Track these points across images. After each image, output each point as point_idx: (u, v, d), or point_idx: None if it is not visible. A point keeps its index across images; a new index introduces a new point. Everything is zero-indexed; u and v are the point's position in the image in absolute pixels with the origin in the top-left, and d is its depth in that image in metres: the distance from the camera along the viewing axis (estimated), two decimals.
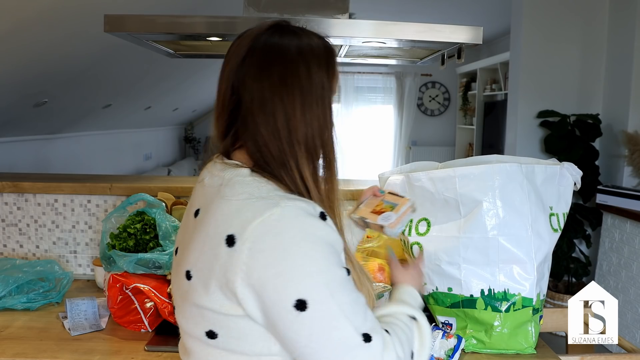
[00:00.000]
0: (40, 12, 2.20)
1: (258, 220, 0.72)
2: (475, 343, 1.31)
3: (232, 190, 0.77)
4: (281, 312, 0.71)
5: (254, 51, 0.80)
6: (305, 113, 0.79)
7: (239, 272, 0.72)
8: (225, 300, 0.74)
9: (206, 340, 0.78)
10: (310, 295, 0.71)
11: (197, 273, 0.77)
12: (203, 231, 0.77)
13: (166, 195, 1.78)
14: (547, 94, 3.60)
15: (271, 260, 0.71)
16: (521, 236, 1.26)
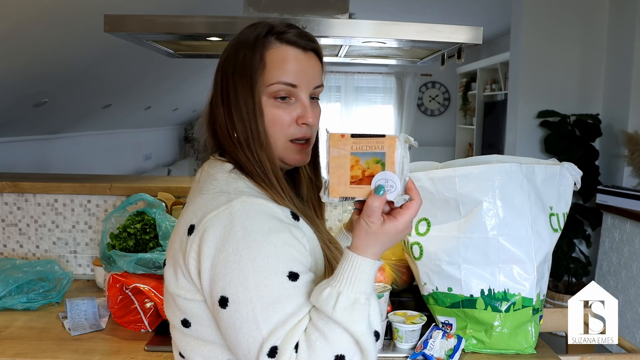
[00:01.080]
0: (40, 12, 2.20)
1: (214, 213, 0.75)
2: (475, 343, 1.31)
3: (209, 185, 0.81)
4: (212, 304, 0.75)
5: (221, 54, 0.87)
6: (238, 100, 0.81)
7: (191, 259, 0.76)
8: (189, 285, 0.78)
9: (183, 329, 0.82)
10: (231, 294, 0.71)
11: (169, 261, 0.83)
12: (180, 221, 0.82)
13: (166, 195, 1.78)
14: (547, 94, 3.60)
15: (211, 252, 0.73)
16: (521, 236, 1.26)
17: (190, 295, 0.79)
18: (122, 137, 5.59)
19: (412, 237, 1.35)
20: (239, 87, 0.81)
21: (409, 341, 1.31)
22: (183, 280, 0.79)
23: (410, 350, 1.30)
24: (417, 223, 1.35)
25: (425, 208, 1.34)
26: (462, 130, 7.41)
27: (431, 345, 1.25)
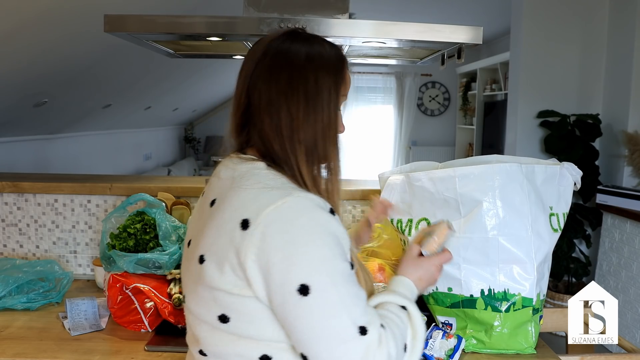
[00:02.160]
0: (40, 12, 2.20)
1: (272, 207, 0.76)
2: (475, 343, 1.31)
3: (248, 181, 0.82)
4: (285, 295, 0.74)
5: (266, 56, 0.86)
6: (308, 116, 0.84)
7: (250, 253, 0.75)
8: (238, 281, 0.78)
9: (217, 324, 0.81)
10: (313, 281, 0.74)
11: (211, 256, 0.81)
12: (218, 217, 0.81)
13: (166, 195, 1.78)
14: (547, 94, 3.60)
15: (281, 244, 0.75)
16: (521, 236, 1.26)
17: (237, 291, 0.78)
18: (122, 137, 5.59)
19: (412, 237, 1.35)
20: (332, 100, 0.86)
21: None
22: (231, 275, 0.78)
23: None
24: (417, 223, 1.35)
25: (425, 208, 1.34)
26: (462, 130, 7.41)
27: (431, 345, 1.25)
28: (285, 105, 0.83)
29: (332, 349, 0.74)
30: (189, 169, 6.99)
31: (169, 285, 1.44)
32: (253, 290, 0.77)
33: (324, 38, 0.91)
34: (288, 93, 0.83)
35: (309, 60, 0.85)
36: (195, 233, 0.89)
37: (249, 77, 0.86)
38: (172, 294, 1.41)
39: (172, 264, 1.47)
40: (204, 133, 7.96)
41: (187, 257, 0.91)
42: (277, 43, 0.87)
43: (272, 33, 0.91)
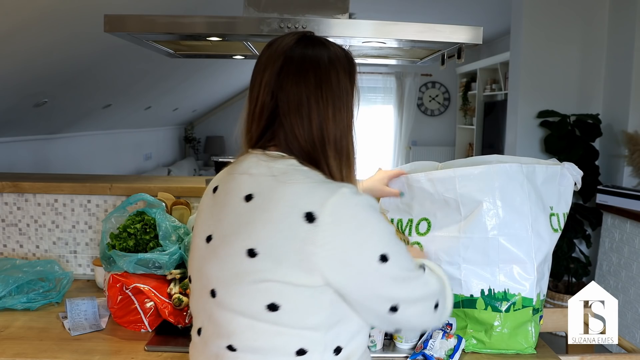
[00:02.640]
0: (40, 12, 2.20)
1: (333, 198, 0.83)
2: (475, 343, 1.31)
3: (293, 176, 0.87)
4: (367, 269, 0.84)
5: (291, 61, 0.90)
6: (335, 116, 0.90)
7: (322, 243, 0.82)
8: (301, 272, 0.83)
9: (262, 315, 0.84)
10: (388, 250, 0.85)
11: (266, 250, 0.84)
12: (269, 212, 0.85)
13: (166, 195, 1.78)
14: (547, 94, 3.60)
15: (352, 228, 0.84)
16: (521, 236, 1.26)
17: (295, 280, 0.83)
18: (122, 137, 5.59)
19: (412, 237, 1.35)
20: (350, 98, 0.93)
21: (409, 341, 1.31)
22: (292, 267, 0.82)
23: (410, 350, 1.30)
24: (417, 223, 1.35)
25: (425, 208, 1.34)
26: (462, 130, 7.41)
27: (431, 345, 1.25)
28: (315, 107, 0.88)
29: (414, 288, 0.89)
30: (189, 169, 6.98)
31: (169, 285, 1.44)
32: (318, 278, 0.83)
33: (333, 42, 0.97)
34: (317, 95, 0.89)
35: (331, 63, 0.91)
36: (229, 227, 0.90)
37: (274, 82, 0.90)
38: (172, 294, 1.41)
39: (172, 264, 1.47)
40: (204, 133, 7.97)
41: (215, 253, 0.91)
42: (300, 49, 0.91)
43: (282, 38, 0.94)
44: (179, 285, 1.43)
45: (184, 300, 1.39)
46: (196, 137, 7.92)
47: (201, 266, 0.94)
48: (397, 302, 0.87)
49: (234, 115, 7.92)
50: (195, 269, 0.96)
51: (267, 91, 0.90)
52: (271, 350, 0.86)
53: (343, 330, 0.89)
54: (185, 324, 1.39)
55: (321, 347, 0.86)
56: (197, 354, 0.97)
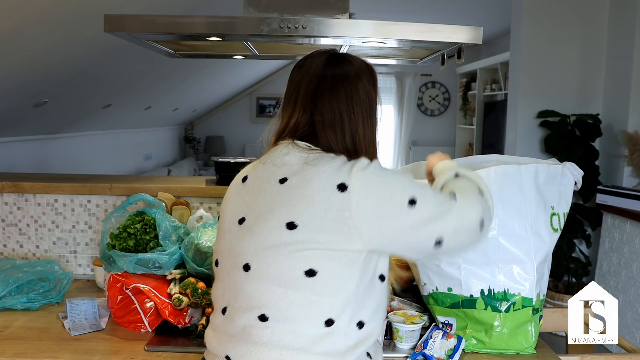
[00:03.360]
0: (40, 13, 2.20)
1: (357, 166, 0.96)
2: (475, 343, 1.31)
3: (321, 160, 0.98)
4: (401, 215, 0.93)
5: (324, 81, 1.03)
6: (364, 124, 1.05)
7: (355, 207, 0.92)
8: (341, 237, 0.92)
9: (299, 282, 0.93)
10: (414, 193, 0.95)
11: (306, 221, 0.93)
12: (304, 189, 0.96)
13: (166, 195, 1.78)
14: (547, 94, 3.60)
15: (379, 184, 0.95)
16: (521, 236, 1.27)
17: (340, 246, 0.92)
18: (122, 137, 5.59)
19: None
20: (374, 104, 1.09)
21: (409, 341, 1.31)
22: (333, 232, 0.92)
23: (410, 350, 1.30)
24: None
25: None
26: (462, 130, 7.41)
27: (431, 345, 1.26)
28: (347, 120, 1.02)
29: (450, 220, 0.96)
30: (189, 169, 6.98)
31: (169, 285, 1.44)
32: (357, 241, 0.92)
33: (353, 55, 1.10)
34: (349, 109, 1.02)
35: (357, 77, 1.05)
36: (257, 209, 0.99)
37: (309, 102, 1.02)
38: (172, 294, 1.41)
39: (172, 264, 1.47)
40: (204, 133, 7.96)
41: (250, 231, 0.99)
42: (330, 69, 1.04)
43: (312, 60, 1.07)
44: (179, 285, 1.43)
45: (184, 300, 1.39)
46: (196, 137, 7.92)
47: (233, 246, 1.01)
48: (439, 236, 0.95)
49: (234, 115, 7.92)
50: (224, 250, 1.04)
51: (302, 110, 1.03)
52: (302, 318, 0.93)
53: (366, 305, 0.97)
54: (185, 324, 1.39)
55: (347, 318, 0.94)
56: (220, 334, 1.01)
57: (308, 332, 0.93)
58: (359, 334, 0.96)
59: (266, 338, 0.93)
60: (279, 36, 1.42)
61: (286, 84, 1.09)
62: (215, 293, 1.06)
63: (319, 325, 0.93)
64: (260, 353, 0.93)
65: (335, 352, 0.94)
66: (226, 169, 1.94)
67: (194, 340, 1.35)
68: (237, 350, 0.96)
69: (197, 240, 1.49)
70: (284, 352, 0.92)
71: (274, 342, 0.93)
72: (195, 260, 1.48)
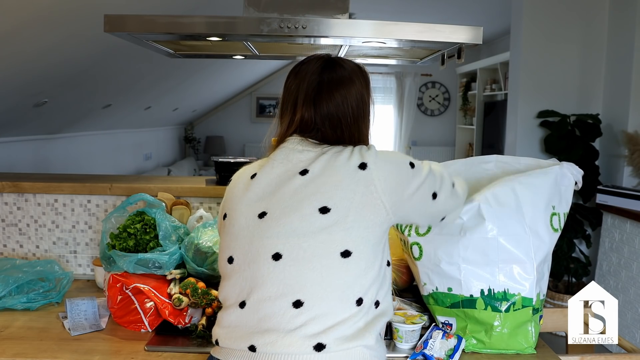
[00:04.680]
0: (40, 13, 2.20)
1: (363, 150, 1.06)
2: (475, 343, 1.31)
3: (334, 150, 1.07)
4: (408, 179, 1.06)
5: (321, 86, 1.10)
6: (359, 123, 1.12)
7: (376, 179, 1.02)
8: (370, 209, 1.01)
9: (335, 263, 0.98)
10: (410, 159, 1.09)
11: (338, 203, 1.00)
12: (328, 176, 1.03)
13: (166, 195, 1.78)
14: (547, 94, 3.60)
15: (389, 158, 1.07)
16: (520, 236, 1.27)
17: (364, 218, 1.00)
18: (122, 137, 5.59)
19: (412, 237, 1.35)
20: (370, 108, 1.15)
21: (409, 341, 1.31)
22: (361, 209, 1.00)
23: (410, 350, 1.30)
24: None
25: None
26: (462, 130, 7.41)
27: (431, 345, 1.26)
28: (343, 120, 1.09)
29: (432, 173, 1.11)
30: (189, 169, 6.98)
31: (169, 285, 1.44)
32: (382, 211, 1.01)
33: (346, 58, 1.16)
34: (346, 111, 1.09)
35: (351, 81, 1.11)
36: (280, 202, 1.04)
37: (307, 105, 1.09)
38: (172, 294, 1.41)
39: (172, 264, 1.47)
40: (204, 133, 7.96)
41: (277, 223, 1.02)
42: (326, 74, 1.11)
43: (307, 65, 1.12)
44: (179, 285, 1.43)
45: (184, 300, 1.39)
46: (196, 137, 7.92)
47: (255, 240, 1.04)
48: (434, 189, 1.10)
49: (234, 115, 7.92)
50: (241, 246, 1.05)
51: (301, 113, 1.09)
52: (337, 301, 0.98)
53: (382, 286, 1.05)
54: (185, 324, 1.39)
55: (372, 297, 1.02)
56: (238, 329, 1.02)
57: (342, 313, 0.98)
58: (376, 312, 1.03)
59: (299, 323, 0.97)
60: (279, 36, 1.42)
61: (282, 90, 1.14)
62: (227, 291, 1.07)
63: (352, 305, 0.99)
64: (291, 338, 0.96)
65: (358, 329, 0.99)
66: (226, 169, 1.94)
67: (194, 340, 1.35)
68: (264, 339, 0.98)
69: (197, 240, 1.49)
70: (316, 335, 0.96)
71: (307, 327, 0.96)
72: (195, 260, 1.48)
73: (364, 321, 1.00)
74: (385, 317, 1.06)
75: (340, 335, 0.97)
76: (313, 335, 0.96)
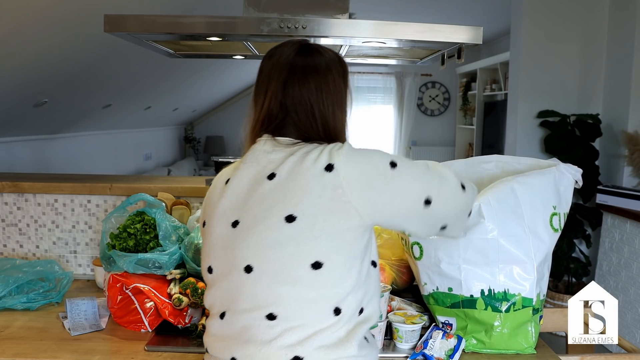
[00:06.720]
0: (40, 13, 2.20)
1: (334, 149, 0.98)
2: (475, 343, 1.31)
3: (305, 150, 0.99)
4: (386, 180, 0.97)
5: (294, 71, 1.03)
6: (335, 113, 1.05)
7: (345, 182, 0.94)
8: (339, 215, 0.94)
9: (306, 276, 0.93)
10: (392, 158, 0.99)
11: (303, 210, 0.94)
12: (295, 180, 0.97)
13: (166, 195, 1.78)
14: (547, 94, 3.60)
15: (361, 157, 0.98)
16: (520, 236, 1.26)
17: (334, 225, 0.93)
18: (122, 137, 5.59)
19: (412, 237, 1.35)
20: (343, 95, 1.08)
21: (409, 341, 1.31)
22: (328, 215, 0.93)
23: (410, 350, 1.30)
24: None
25: None
26: (462, 130, 7.41)
27: (431, 345, 1.26)
28: (317, 109, 1.02)
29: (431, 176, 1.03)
30: (189, 169, 6.98)
31: (169, 285, 1.44)
32: (355, 217, 0.94)
33: (326, 46, 1.10)
34: (319, 99, 1.03)
35: (327, 69, 1.05)
36: (251, 209, 0.98)
37: (280, 92, 1.02)
38: (172, 294, 1.41)
39: (172, 264, 1.47)
40: (204, 133, 7.96)
41: (248, 232, 0.98)
42: (300, 59, 1.04)
43: (282, 49, 1.06)
44: (179, 285, 1.43)
45: (184, 300, 1.39)
46: (196, 137, 7.92)
47: (228, 250, 1.00)
48: (427, 194, 0.99)
49: (234, 115, 7.92)
50: (218, 256, 1.02)
51: (274, 100, 1.03)
52: (311, 312, 0.94)
53: (366, 291, 0.99)
54: (185, 324, 1.39)
55: (353, 305, 0.96)
56: (221, 339, 1.00)
57: (318, 324, 0.94)
58: (359, 319, 0.98)
59: (275, 334, 0.93)
60: (279, 36, 1.42)
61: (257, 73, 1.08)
62: (210, 299, 1.05)
63: (329, 316, 0.94)
64: (268, 351, 0.93)
65: (339, 339, 0.95)
66: None
67: (194, 340, 1.35)
68: (244, 351, 0.95)
69: (197, 240, 1.49)
70: (293, 346, 0.93)
71: (283, 338, 0.93)
72: (195, 260, 1.48)
73: (345, 330, 0.95)
74: (369, 322, 1.00)
75: (319, 345, 0.93)
76: (290, 346, 0.93)
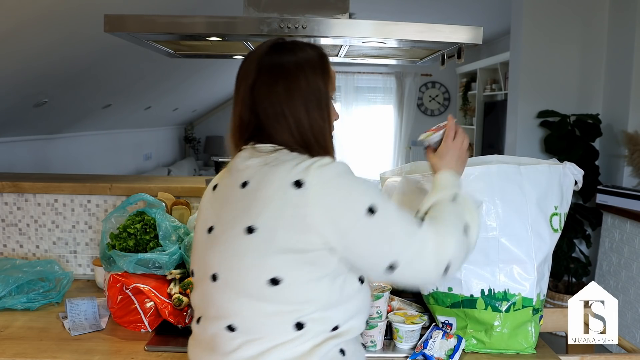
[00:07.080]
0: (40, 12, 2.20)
1: (316, 164, 0.91)
2: (475, 343, 1.31)
3: (283, 158, 0.94)
4: (358, 222, 0.88)
5: (261, 73, 0.97)
6: (309, 114, 0.96)
7: (313, 202, 0.88)
8: (299, 235, 0.88)
9: (264, 291, 0.89)
10: (375, 201, 0.89)
11: (263, 223, 0.90)
12: (262, 190, 0.92)
13: (166, 195, 1.78)
14: (547, 94, 3.60)
15: (338, 184, 0.90)
16: (521, 236, 1.26)
17: (301, 245, 0.88)
18: (122, 137, 5.59)
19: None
20: (322, 95, 0.98)
21: (409, 341, 1.31)
22: (293, 232, 0.88)
23: (410, 350, 1.30)
24: None
25: None
26: None
27: (431, 345, 1.26)
28: (289, 112, 0.95)
29: (409, 245, 0.90)
30: (189, 169, 6.98)
31: (169, 285, 1.44)
32: (322, 235, 0.88)
33: (304, 42, 1.02)
34: (289, 101, 0.95)
35: (298, 68, 0.97)
36: (227, 213, 0.96)
37: (249, 98, 0.97)
38: (172, 294, 1.41)
39: (172, 264, 1.47)
40: (204, 133, 7.96)
41: (216, 240, 0.96)
42: (267, 59, 0.98)
43: (257, 48, 1.01)
44: (179, 285, 1.43)
45: (184, 300, 1.39)
46: (196, 137, 7.92)
47: (202, 256, 1.00)
48: (394, 260, 0.90)
49: None
50: (197, 260, 1.02)
51: (245, 107, 0.98)
52: (270, 327, 0.90)
53: (347, 309, 0.94)
54: (185, 324, 1.39)
55: (323, 321, 0.91)
56: (195, 343, 1.01)
57: (278, 338, 0.90)
58: (330, 334, 0.93)
59: (234, 347, 0.92)
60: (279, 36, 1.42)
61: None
62: (193, 302, 1.05)
63: (289, 331, 0.90)
64: None
65: (301, 353, 0.91)
66: None
67: None
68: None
69: None
70: (252, 358, 0.90)
71: (242, 350, 0.91)
72: None
73: (310, 344, 0.91)
74: (347, 336, 0.95)
75: (279, 359, 0.90)
76: (249, 359, 0.90)
